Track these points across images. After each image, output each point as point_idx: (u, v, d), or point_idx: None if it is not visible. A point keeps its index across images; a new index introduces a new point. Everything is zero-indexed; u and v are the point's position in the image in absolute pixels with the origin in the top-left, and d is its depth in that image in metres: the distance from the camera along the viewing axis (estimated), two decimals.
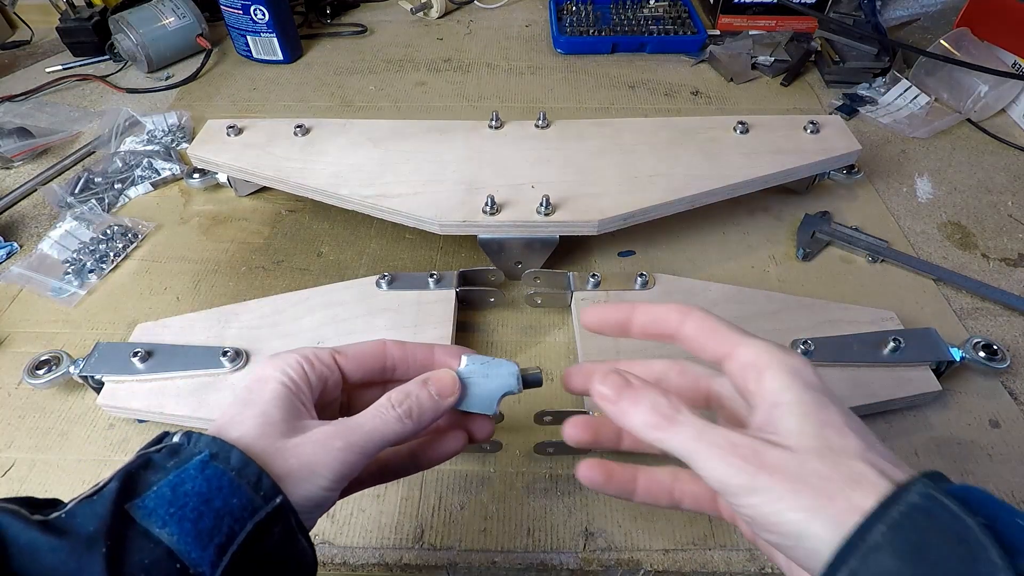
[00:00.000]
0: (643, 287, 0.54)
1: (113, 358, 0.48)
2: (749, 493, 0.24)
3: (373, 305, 0.53)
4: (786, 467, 0.24)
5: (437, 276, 0.54)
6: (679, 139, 0.64)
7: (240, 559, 0.24)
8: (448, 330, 0.51)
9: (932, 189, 0.70)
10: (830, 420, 0.25)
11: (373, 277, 0.55)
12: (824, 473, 0.23)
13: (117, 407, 0.47)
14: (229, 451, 0.26)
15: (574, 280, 0.54)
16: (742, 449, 0.25)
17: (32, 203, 0.70)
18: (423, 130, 0.66)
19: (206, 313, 0.52)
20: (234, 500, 0.25)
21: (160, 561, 0.23)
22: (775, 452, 0.24)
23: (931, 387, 0.47)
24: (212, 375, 0.48)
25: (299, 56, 0.95)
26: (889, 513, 0.21)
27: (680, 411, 0.26)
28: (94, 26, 0.92)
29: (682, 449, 0.26)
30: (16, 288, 0.60)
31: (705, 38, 0.93)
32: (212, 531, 0.24)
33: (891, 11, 1.00)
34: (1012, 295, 0.57)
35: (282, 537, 0.26)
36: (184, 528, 0.24)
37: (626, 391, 0.27)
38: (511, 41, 0.99)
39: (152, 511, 0.24)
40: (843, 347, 0.48)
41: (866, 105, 0.82)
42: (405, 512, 0.44)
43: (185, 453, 0.26)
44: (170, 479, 0.25)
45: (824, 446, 0.24)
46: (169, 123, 0.79)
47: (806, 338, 0.48)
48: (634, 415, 0.27)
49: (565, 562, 0.42)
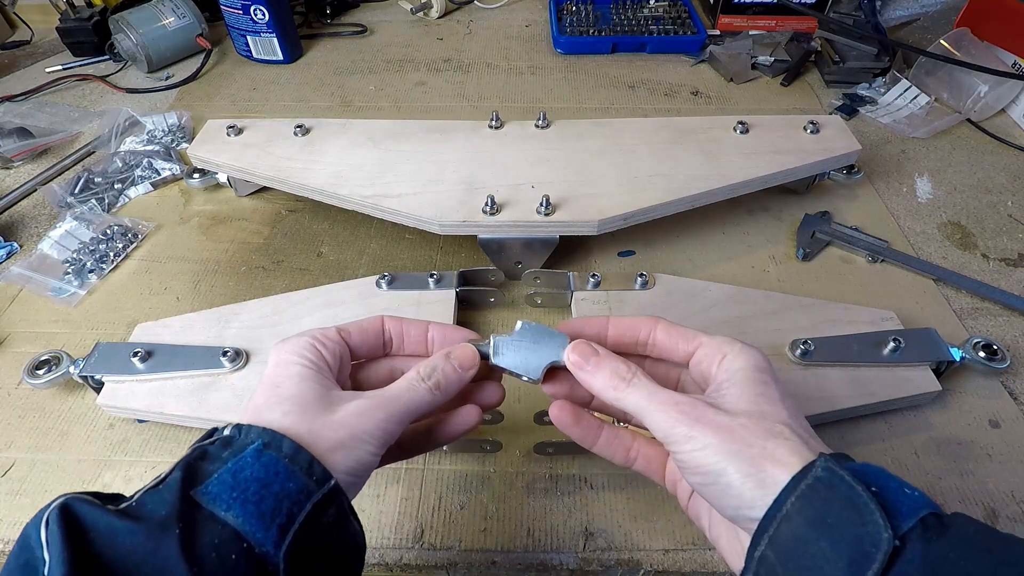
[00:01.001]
0: (643, 287, 0.54)
1: (113, 358, 0.48)
2: (685, 440, 0.28)
3: (373, 305, 0.53)
4: (718, 421, 0.28)
5: (437, 276, 0.54)
6: (679, 139, 0.64)
7: (300, 538, 0.26)
8: None
9: (932, 189, 0.70)
10: (767, 393, 0.30)
11: (373, 277, 0.55)
12: (748, 427, 0.28)
13: (117, 407, 0.47)
14: (280, 440, 0.27)
15: (574, 280, 0.54)
16: (684, 406, 0.29)
17: (32, 203, 0.70)
18: (423, 130, 0.66)
19: (206, 313, 0.52)
20: (290, 484, 0.26)
21: (228, 541, 0.25)
22: (712, 411, 0.29)
23: (931, 387, 0.47)
24: (212, 375, 0.47)
25: (299, 56, 0.95)
26: (799, 486, 0.25)
27: (636, 375, 0.31)
28: (94, 26, 0.92)
29: (635, 405, 0.31)
30: (16, 288, 0.60)
31: (705, 38, 0.93)
32: (273, 512, 0.26)
33: (891, 11, 1.00)
34: (1012, 295, 0.57)
35: (336, 518, 0.28)
36: (248, 510, 0.25)
37: (592, 358, 0.32)
38: (511, 41, 0.99)
39: (216, 496, 0.26)
40: (843, 347, 0.48)
41: (866, 105, 0.82)
42: (405, 512, 0.44)
43: (238, 444, 0.28)
44: (229, 467, 0.26)
45: (755, 410, 0.29)
46: (169, 123, 0.79)
47: (806, 338, 0.48)
48: (597, 377, 0.32)
49: (565, 562, 0.42)
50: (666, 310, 0.52)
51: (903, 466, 0.46)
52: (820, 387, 0.47)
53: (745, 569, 0.26)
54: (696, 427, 0.28)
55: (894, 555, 0.23)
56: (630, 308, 0.52)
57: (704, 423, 0.28)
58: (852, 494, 0.24)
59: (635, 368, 0.32)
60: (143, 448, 0.47)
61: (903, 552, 0.23)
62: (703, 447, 0.28)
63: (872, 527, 0.23)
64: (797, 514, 0.25)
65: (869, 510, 0.24)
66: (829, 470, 0.25)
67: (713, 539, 0.32)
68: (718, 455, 0.27)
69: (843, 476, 0.25)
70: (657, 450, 0.35)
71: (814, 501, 0.25)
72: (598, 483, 0.45)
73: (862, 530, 0.23)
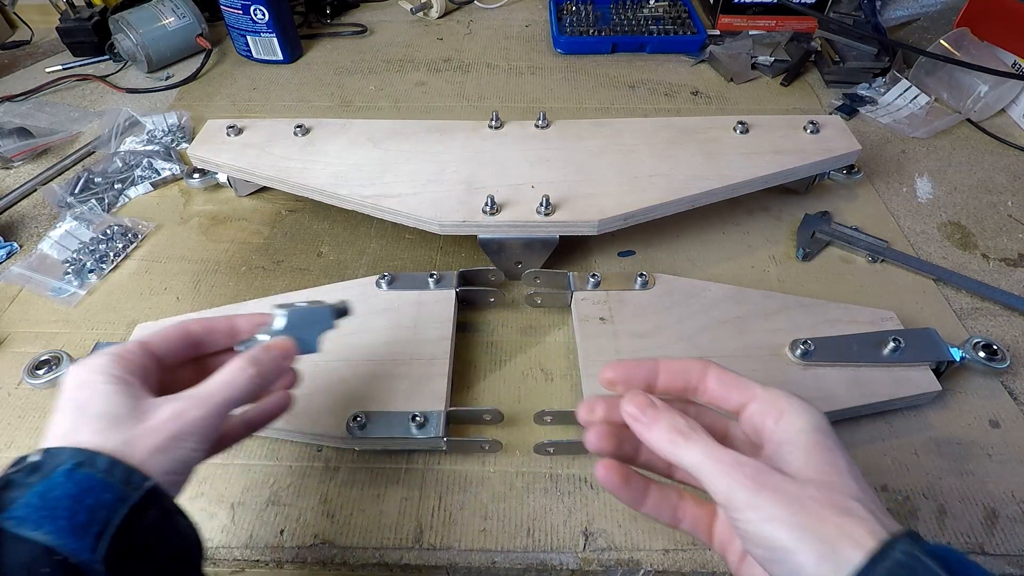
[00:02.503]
0: (643, 287, 0.54)
1: None
2: (749, 508, 0.27)
3: (373, 305, 0.53)
4: (786, 489, 0.27)
5: (437, 276, 0.54)
6: (679, 139, 0.64)
7: (120, 542, 0.27)
8: (448, 330, 0.51)
9: (932, 189, 0.70)
10: (834, 462, 0.28)
11: (373, 277, 0.55)
12: (819, 499, 0.26)
13: None
14: (94, 457, 0.28)
15: (574, 280, 0.54)
16: (748, 468, 0.28)
17: (32, 203, 0.70)
18: (423, 130, 0.66)
19: (206, 313, 0.52)
20: (106, 495, 0.27)
21: (39, 557, 0.25)
22: (778, 476, 0.27)
23: (931, 387, 0.47)
24: None
25: (299, 56, 0.95)
26: (876, 569, 0.24)
27: (696, 430, 0.30)
28: (94, 26, 0.92)
29: (694, 462, 0.29)
30: (16, 288, 0.60)
31: (705, 38, 0.93)
32: (88, 524, 0.26)
33: (891, 11, 1.00)
34: (1012, 295, 0.57)
35: (159, 518, 0.29)
36: (59, 525, 0.26)
37: (649, 410, 0.31)
38: (511, 41, 0.99)
39: (23, 519, 0.26)
40: (843, 347, 0.48)
41: (866, 105, 0.82)
42: (405, 512, 0.44)
43: (47, 468, 0.28)
44: (36, 489, 0.27)
45: (823, 481, 0.27)
46: (169, 123, 0.79)
47: (806, 338, 0.48)
48: (655, 431, 0.31)
49: (565, 562, 0.42)
50: (667, 310, 0.52)
51: (903, 466, 0.46)
52: (820, 387, 0.47)
53: None
54: (762, 494, 0.26)
55: None
56: (630, 308, 0.52)
57: (771, 490, 0.27)
58: None
59: (694, 423, 0.30)
60: None
61: None
62: (770, 519, 0.26)
63: None
64: None
65: None
66: (910, 555, 0.24)
67: None
68: (788, 530, 0.25)
69: (928, 564, 0.24)
70: (706, 509, 0.34)
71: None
72: (598, 483, 0.45)
73: None
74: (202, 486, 0.45)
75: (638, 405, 0.32)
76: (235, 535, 0.43)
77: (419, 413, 0.44)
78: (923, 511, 0.43)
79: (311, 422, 0.45)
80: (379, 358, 0.49)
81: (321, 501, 0.44)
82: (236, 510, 0.44)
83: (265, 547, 0.42)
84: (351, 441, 0.45)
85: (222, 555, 0.42)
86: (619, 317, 0.52)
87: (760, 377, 0.46)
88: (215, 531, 0.43)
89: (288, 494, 0.45)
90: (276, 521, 0.43)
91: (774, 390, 0.31)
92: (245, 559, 0.42)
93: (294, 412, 0.44)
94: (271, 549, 0.42)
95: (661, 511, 0.34)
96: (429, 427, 0.44)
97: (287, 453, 0.47)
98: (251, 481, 0.45)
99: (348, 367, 0.48)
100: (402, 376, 0.48)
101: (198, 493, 0.45)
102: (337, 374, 0.48)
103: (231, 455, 0.47)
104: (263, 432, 0.44)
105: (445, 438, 0.44)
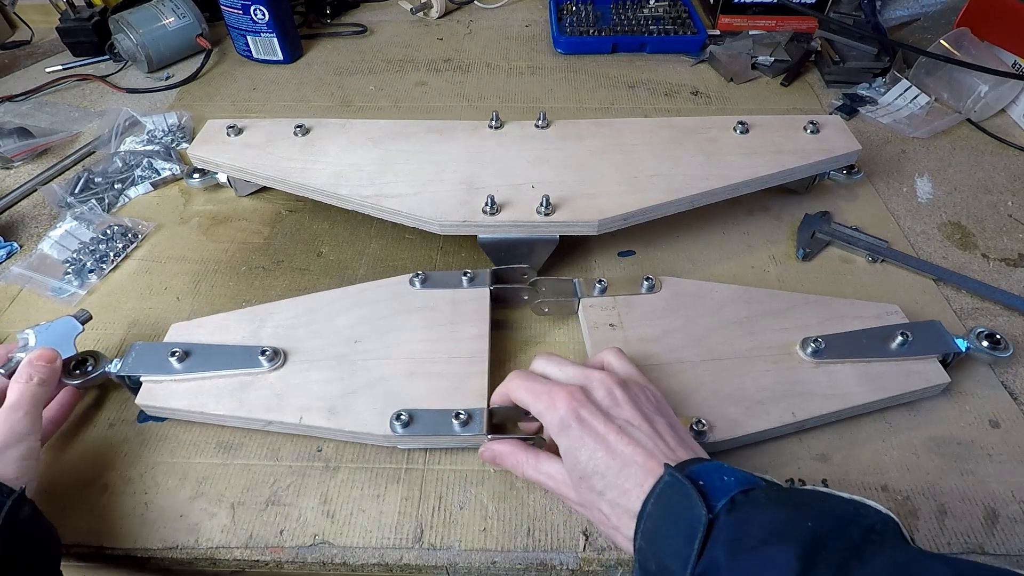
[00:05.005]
0: (649, 290, 0.53)
1: (150, 358, 0.48)
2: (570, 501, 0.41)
3: (408, 304, 0.53)
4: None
5: (471, 275, 0.54)
6: (679, 139, 0.64)
7: (8, 528, 0.35)
8: (485, 328, 0.51)
9: (932, 189, 0.70)
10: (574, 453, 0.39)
11: (406, 276, 0.55)
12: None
13: (156, 407, 0.47)
14: None
15: (580, 286, 0.54)
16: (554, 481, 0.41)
17: (32, 203, 0.70)
18: (423, 130, 0.66)
19: (239, 313, 0.52)
20: None
21: None
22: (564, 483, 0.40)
23: (940, 379, 0.47)
24: (251, 374, 0.48)
25: (299, 56, 0.95)
26: (654, 490, 0.34)
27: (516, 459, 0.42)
28: (94, 26, 0.92)
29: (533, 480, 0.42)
30: (16, 288, 0.60)
31: (705, 38, 0.93)
32: None
33: (891, 11, 1.00)
34: (1012, 295, 0.57)
35: (31, 514, 0.37)
36: None
37: (493, 457, 0.44)
38: (511, 41, 0.99)
39: None
40: (852, 343, 0.49)
41: (866, 105, 0.82)
42: (405, 512, 0.44)
43: None
44: None
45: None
46: (169, 123, 0.79)
47: (816, 336, 0.48)
48: (509, 467, 0.43)
49: (565, 562, 0.42)
50: (675, 313, 0.52)
51: (903, 466, 0.46)
52: (833, 384, 0.47)
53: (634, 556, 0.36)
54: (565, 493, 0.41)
55: (711, 526, 0.31)
56: (639, 312, 0.52)
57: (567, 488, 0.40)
58: (684, 488, 0.33)
59: (517, 451, 0.42)
60: (143, 448, 0.47)
61: (716, 523, 0.31)
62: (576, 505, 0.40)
63: (696, 510, 0.32)
64: (653, 511, 0.34)
65: (694, 499, 0.32)
66: (672, 475, 0.34)
67: None
68: None
69: (679, 478, 0.34)
70: None
71: (661, 498, 0.34)
72: None
73: (690, 513, 0.32)
74: (202, 486, 0.45)
75: (485, 456, 0.44)
76: (235, 535, 0.43)
77: (463, 411, 0.45)
78: (923, 511, 0.43)
79: (353, 421, 0.45)
80: (417, 356, 0.49)
81: (321, 501, 0.44)
82: (236, 510, 0.44)
83: (265, 547, 0.42)
84: (394, 439, 0.45)
85: (222, 555, 0.42)
86: (628, 322, 0.51)
87: (774, 377, 0.47)
88: (215, 531, 0.43)
89: (288, 494, 0.45)
90: (276, 521, 0.43)
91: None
92: (245, 559, 0.42)
93: (335, 411, 0.45)
94: (271, 549, 0.42)
95: None
96: (473, 425, 0.44)
97: (287, 453, 0.47)
98: (251, 481, 0.45)
99: (387, 365, 0.48)
100: (442, 374, 0.48)
101: (198, 493, 0.45)
102: (376, 372, 0.48)
103: (231, 455, 0.47)
104: (296, 430, 0.46)
105: (489, 436, 0.44)
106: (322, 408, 0.46)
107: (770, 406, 0.46)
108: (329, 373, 0.48)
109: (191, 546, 0.42)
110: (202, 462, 0.47)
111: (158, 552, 0.42)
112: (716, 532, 0.31)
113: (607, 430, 0.37)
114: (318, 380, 0.48)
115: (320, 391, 0.47)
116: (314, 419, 0.45)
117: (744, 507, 0.32)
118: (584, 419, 0.38)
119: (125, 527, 0.43)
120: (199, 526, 0.43)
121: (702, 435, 0.43)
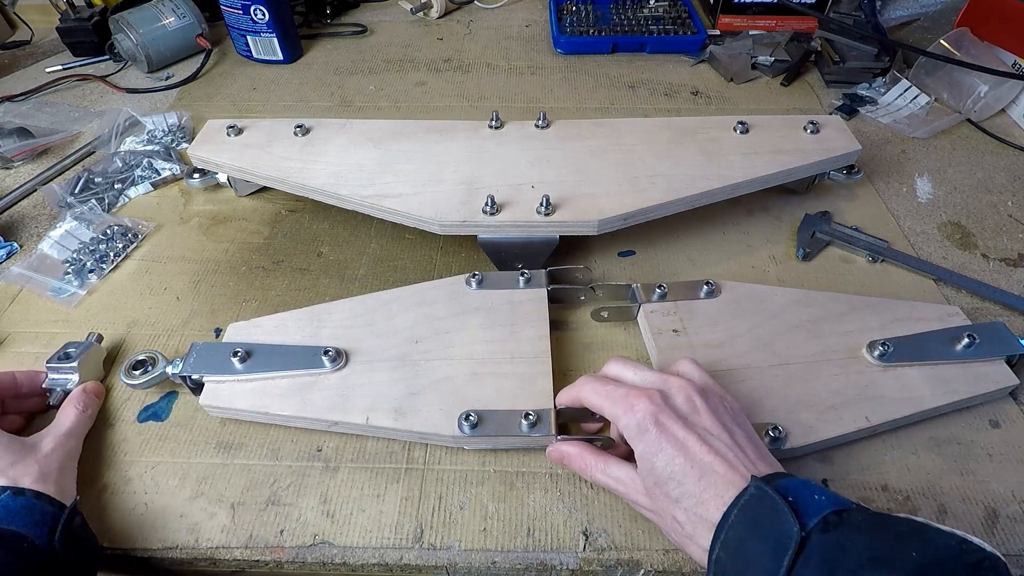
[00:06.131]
0: (709, 295, 0.53)
1: (211, 358, 0.48)
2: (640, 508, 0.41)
3: (465, 304, 0.53)
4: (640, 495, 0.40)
5: (528, 276, 0.54)
6: (679, 139, 0.64)
7: (65, 534, 0.38)
8: (545, 329, 0.51)
9: (932, 189, 0.70)
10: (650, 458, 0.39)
11: (463, 276, 0.54)
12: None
13: (220, 407, 0.47)
14: (22, 490, 0.40)
15: (639, 292, 0.54)
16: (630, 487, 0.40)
17: (32, 203, 0.70)
18: (423, 130, 0.66)
19: (297, 313, 0.52)
20: (48, 508, 0.39)
21: (12, 537, 0.37)
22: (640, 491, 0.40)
23: (1009, 381, 0.47)
24: (313, 375, 0.48)
25: (299, 56, 0.95)
26: (738, 502, 0.34)
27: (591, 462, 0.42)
28: (94, 26, 0.92)
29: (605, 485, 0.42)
30: (16, 288, 0.60)
31: (705, 38, 0.93)
32: (40, 522, 0.38)
33: (891, 11, 1.00)
34: (1012, 295, 0.57)
35: (81, 524, 0.41)
36: (24, 521, 0.38)
37: (562, 459, 0.44)
38: (511, 41, 0.99)
39: None
40: (918, 345, 0.48)
41: (866, 105, 0.82)
42: (405, 512, 0.44)
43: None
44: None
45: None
46: (169, 123, 0.79)
47: (883, 339, 0.48)
48: (577, 470, 0.43)
49: (565, 562, 0.42)
50: (738, 318, 0.52)
51: (903, 466, 0.46)
52: (903, 388, 0.47)
53: (708, 566, 0.35)
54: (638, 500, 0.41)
55: (802, 544, 0.31)
56: (701, 318, 0.52)
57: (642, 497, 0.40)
58: (773, 503, 0.32)
59: (589, 455, 0.43)
60: (143, 448, 0.47)
61: (808, 541, 0.31)
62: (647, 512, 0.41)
63: (787, 526, 0.31)
64: (738, 522, 0.33)
65: (784, 513, 0.32)
66: (759, 487, 0.33)
67: None
68: None
69: (767, 491, 0.33)
70: None
71: (747, 511, 0.33)
72: None
73: (780, 529, 0.32)
74: (202, 486, 0.45)
75: (553, 456, 0.44)
76: (235, 535, 0.43)
77: (531, 412, 0.44)
78: (923, 511, 0.43)
79: (420, 421, 0.45)
80: (479, 357, 0.49)
81: (321, 501, 0.44)
82: (236, 510, 0.44)
83: (265, 547, 0.42)
84: (462, 440, 0.45)
85: (222, 555, 0.42)
86: (692, 328, 0.51)
87: (844, 382, 0.47)
88: (215, 531, 0.43)
89: (288, 494, 0.45)
90: (276, 521, 0.43)
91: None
92: (245, 559, 0.42)
93: (401, 411, 0.45)
94: (271, 549, 0.42)
95: None
96: (542, 426, 0.44)
97: (287, 453, 0.47)
98: (251, 481, 0.45)
99: (449, 365, 0.48)
100: (506, 375, 0.48)
101: (198, 493, 0.45)
102: (439, 372, 0.48)
103: (231, 455, 0.47)
104: (363, 431, 0.47)
105: (558, 436, 0.44)
106: (388, 409, 0.45)
107: (843, 411, 0.45)
108: (392, 373, 0.48)
109: (191, 546, 0.42)
110: (202, 462, 0.47)
111: (158, 552, 0.42)
112: (809, 551, 0.30)
113: (687, 436, 0.36)
114: (382, 381, 0.47)
115: (385, 391, 0.47)
116: (381, 420, 0.45)
117: (839, 528, 0.31)
118: (663, 424, 0.37)
119: (125, 527, 0.43)
120: (199, 526, 0.43)
121: (778, 441, 0.43)
